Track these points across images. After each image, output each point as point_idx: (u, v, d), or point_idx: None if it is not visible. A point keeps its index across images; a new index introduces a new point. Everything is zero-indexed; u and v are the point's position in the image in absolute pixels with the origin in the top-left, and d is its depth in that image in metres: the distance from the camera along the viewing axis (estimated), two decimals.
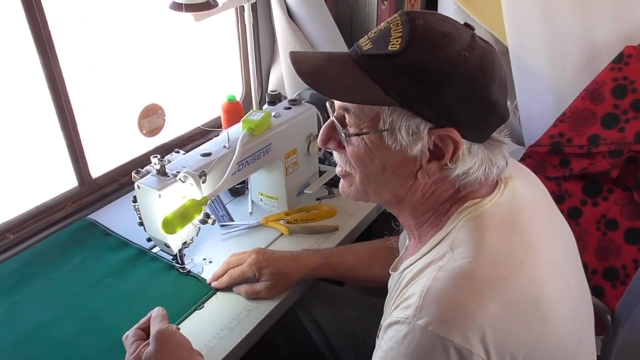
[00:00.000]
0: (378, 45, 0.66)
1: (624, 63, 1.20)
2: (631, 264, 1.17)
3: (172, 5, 1.17)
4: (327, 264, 1.02)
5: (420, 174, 0.69)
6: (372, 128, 0.68)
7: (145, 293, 1.00)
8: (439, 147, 0.66)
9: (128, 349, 0.80)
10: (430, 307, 0.60)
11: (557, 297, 0.65)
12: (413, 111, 0.64)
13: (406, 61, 0.63)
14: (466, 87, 0.64)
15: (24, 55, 1.07)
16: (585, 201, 1.23)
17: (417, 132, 0.65)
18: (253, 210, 1.24)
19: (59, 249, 1.11)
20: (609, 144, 1.20)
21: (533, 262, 0.65)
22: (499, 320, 0.59)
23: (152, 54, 1.35)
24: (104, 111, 1.28)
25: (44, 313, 0.96)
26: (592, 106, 1.23)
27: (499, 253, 0.64)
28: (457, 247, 0.65)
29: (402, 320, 0.61)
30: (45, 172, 1.20)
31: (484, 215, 0.68)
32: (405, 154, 0.67)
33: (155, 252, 1.09)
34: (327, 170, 1.31)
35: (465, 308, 0.59)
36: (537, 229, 0.70)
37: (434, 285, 0.61)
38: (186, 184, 0.93)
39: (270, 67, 1.67)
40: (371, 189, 0.73)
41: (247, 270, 0.97)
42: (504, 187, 0.72)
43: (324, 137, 0.75)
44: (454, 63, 0.63)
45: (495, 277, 0.61)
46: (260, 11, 1.54)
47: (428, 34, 0.64)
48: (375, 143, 0.68)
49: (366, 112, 0.68)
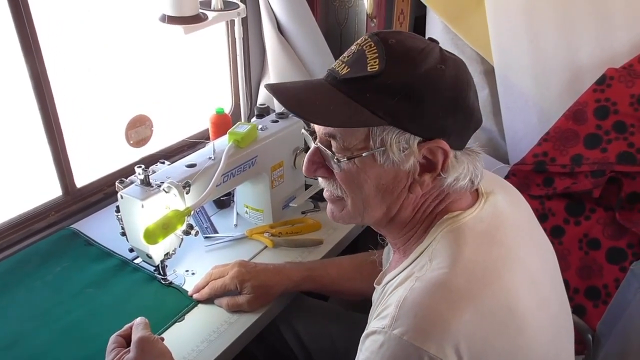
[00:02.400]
0: (356, 68, 0.66)
1: (607, 85, 1.22)
2: (612, 284, 1.18)
3: (162, 17, 1.18)
4: (310, 277, 1.02)
5: (413, 187, 0.69)
6: (363, 150, 0.67)
7: (127, 304, 1.00)
8: (429, 159, 0.68)
9: (108, 355, 0.79)
10: (405, 317, 0.60)
11: (533, 310, 0.65)
12: (402, 128, 0.65)
13: (389, 80, 0.64)
14: (448, 98, 0.66)
15: (10, 62, 1.07)
16: (568, 220, 1.25)
17: (407, 147, 0.66)
18: (238, 222, 1.24)
19: (40, 259, 1.10)
20: (591, 164, 1.21)
21: (510, 274, 0.65)
22: (473, 330, 0.59)
23: (142, 65, 1.35)
24: (93, 120, 1.28)
25: (23, 322, 0.95)
26: (575, 126, 1.25)
27: (475, 264, 0.64)
28: (435, 258, 0.66)
29: (379, 330, 0.61)
30: (29, 181, 1.19)
31: (463, 228, 0.69)
32: (397, 170, 0.68)
33: (138, 263, 1.09)
34: (313, 183, 1.31)
35: (440, 318, 0.59)
36: (517, 243, 0.70)
37: (410, 296, 0.62)
38: (170, 195, 0.93)
39: (260, 80, 1.68)
40: (365, 211, 0.72)
41: (229, 282, 0.97)
42: (485, 201, 0.73)
43: (310, 167, 0.73)
44: (434, 76, 0.65)
45: (470, 287, 0.62)
46: (251, 25, 1.55)
47: (404, 52, 0.66)
48: (367, 163, 0.68)
49: (355, 134, 0.67)
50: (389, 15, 1.59)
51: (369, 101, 0.65)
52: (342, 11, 1.61)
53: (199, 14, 1.21)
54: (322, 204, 1.32)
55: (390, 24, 1.59)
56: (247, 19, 1.51)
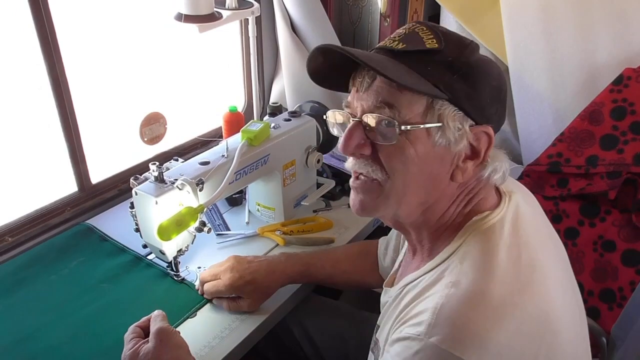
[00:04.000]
0: (413, 44, 0.65)
1: (624, 85, 1.21)
2: (628, 286, 1.17)
3: (177, 16, 1.19)
4: (306, 271, 1.02)
5: (455, 174, 0.68)
6: (419, 123, 0.64)
7: (140, 299, 1.01)
8: (473, 146, 0.67)
9: (126, 344, 0.80)
10: (444, 326, 0.58)
11: (563, 313, 0.65)
12: (458, 106, 0.65)
13: (449, 57, 0.65)
14: (495, 87, 0.67)
15: (29, 60, 1.09)
16: (582, 221, 1.23)
17: (461, 128, 0.65)
18: (250, 220, 1.24)
19: (56, 253, 1.12)
20: (607, 165, 1.20)
21: (541, 278, 0.65)
22: (513, 341, 0.59)
23: (157, 63, 1.37)
24: (108, 118, 1.29)
25: (39, 316, 0.96)
26: (591, 127, 1.24)
27: (509, 270, 0.63)
28: (466, 261, 0.64)
29: (413, 337, 0.60)
30: (45, 177, 1.21)
31: (492, 229, 0.67)
32: (446, 152, 0.66)
33: (151, 259, 1.10)
34: (324, 182, 1.31)
35: (480, 328, 0.58)
36: (540, 245, 0.70)
37: (447, 303, 0.60)
38: (183, 192, 0.94)
39: (273, 79, 1.68)
40: (403, 197, 0.68)
41: (223, 290, 0.96)
42: (508, 201, 0.72)
43: (350, 143, 0.67)
44: (485, 63, 0.68)
45: (509, 296, 0.61)
46: (265, 24, 1.56)
47: (458, 38, 0.67)
48: (420, 139, 0.65)
49: (415, 105, 0.64)
50: (402, 14, 1.59)
51: (430, 74, 0.64)
52: (356, 10, 1.60)
53: (213, 12, 1.22)
54: (334, 202, 1.32)
55: (403, 23, 1.58)
56: (260, 18, 1.52)
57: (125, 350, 0.79)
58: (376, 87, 0.66)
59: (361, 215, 0.74)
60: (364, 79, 0.67)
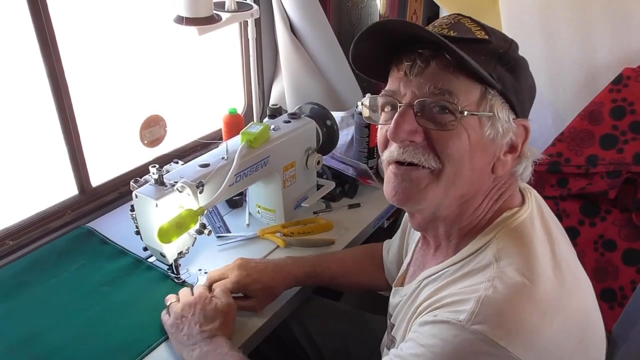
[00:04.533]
0: (464, 32, 0.65)
1: (623, 85, 1.21)
2: (629, 286, 1.17)
3: (177, 18, 1.19)
4: (312, 272, 1.02)
5: (495, 167, 0.67)
6: (475, 111, 0.63)
7: (140, 302, 1.00)
8: (512, 139, 0.67)
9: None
10: (490, 315, 0.58)
11: (596, 308, 0.66)
12: (507, 98, 0.65)
13: (500, 49, 0.65)
14: (532, 85, 0.69)
15: (28, 62, 1.09)
16: (583, 221, 1.23)
17: (508, 120, 0.65)
18: (250, 222, 1.24)
19: (57, 257, 1.12)
20: (607, 164, 1.20)
21: (574, 273, 0.66)
22: (559, 338, 0.59)
23: (156, 66, 1.37)
24: (108, 120, 1.30)
25: (40, 320, 0.96)
26: (590, 127, 1.24)
27: (549, 266, 0.63)
28: (505, 259, 0.63)
29: (453, 322, 0.59)
30: (46, 180, 1.21)
31: (524, 226, 0.67)
32: (491, 143, 0.66)
33: (152, 262, 1.10)
34: (325, 184, 1.31)
35: (529, 322, 0.58)
36: (561, 241, 0.70)
37: (492, 295, 0.59)
38: (183, 194, 0.94)
39: (272, 81, 1.69)
40: (452, 185, 0.66)
41: (230, 288, 0.96)
42: (531, 197, 0.72)
43: (407, 128, 0.65)
44: (525, 61, 0.68)
45: (554, 292, 0.61)
46: (264, 26, 1.56)
47: (501, 33, 0.67)
48: (473, 128, 0.64)
49: (471, 93, 0.64)
50: (401, 15, 1.59)
51: (484, 63, 0.63)
52: (355, 12, 1.61)
53: (213, 15, 1.22)
54: (334, 204, 1.32)
55: None
56: (260, 20, 1.52)
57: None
58: (431, 72, 0.64)
59: (401, 206, 0.71)
60: (415, 62, 0.64)
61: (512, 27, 1.35)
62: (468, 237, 0.70)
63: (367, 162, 1.39)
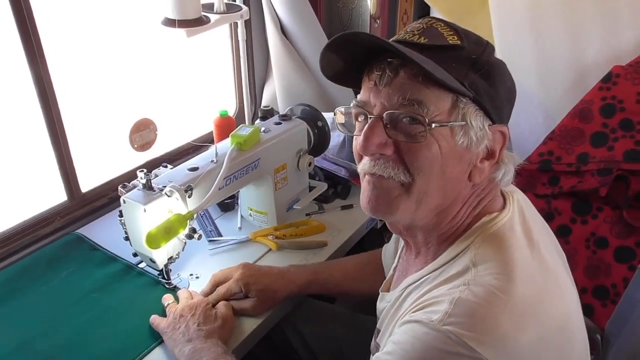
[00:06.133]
0: (434, 39, 0.63)
1: (613, 82, 1.21)
2: (621, 283, 1.17)
3: (165, 21, 1.18)
4: (315, 280, 1.02)
5: (472, 175, 0.66)
6: (446, 121, 0.62)
7: (131, 308, 1.00)
8: (488, 146, 0.66)
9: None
10: (462, 316, 0.57)
11: (577, 315, 0.65)
12: (480, 105, 0.64)
13: (472, 54, 0.63)
14: (509, 89, 0.67)
15: (14, 68, 1.07)
16: (574, 219, 1.23)
17: (482, 128, 0.64)
18: (242, 225, 1.23)
19: (46, 264, 1.11)
20: (597, 162, 1.20)
21: (555, 279, 0.65)
22: (535, 346, 0.58)
23: (146, 69, 1.36)
24: (97, 125, 1.28)
25: (30, 327, 0.95)
26: (581, 125, 1.24)
27: (528, 271, 0.62)
28: (482, 264, 0.63)
29: (425, 322, 0.59)
30: (34, 186, 1.19)
31: (503, 231, 0.66)
32: (465, 152, 0.64)
33: (142, 268, 1.09)
34: (317, 185, 1.31)
35: (503, 328, 0.57)
36: (544, 245, 0.69)
37: (466, 297, 0.59)
38: (172, 199, 0.93)
39: (264, 82, 1.68)
40: (424, 198, 0.66)
41: (233, 286, 0.97)
42: (513, 201, 0.71)
43: (376, 141, 0.64)
44: (501, 64, 0.67)
45: (532, 299, 0.60)
46: (254, 27, 1.56)
47: (475, 36, 0.66)
48: (444, 138, 0.63)
49: (441, 102, 0.62)
50: (392, 15, 1.59)
51: (456, 70, 0.62)
52: (346, 12, 1.60)
53: (201, 16, 1.21)
54: (327, 205, 1.31)
55: (393, 24, 1.58)
56: (250, 22, 1.52)
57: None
58: (400, 82, 0.63)
59: (375, 216, 0.71)
60: (384, 72, 0.63)
61: (501, 26, 1.35)
62: (446, 243, 0.70)
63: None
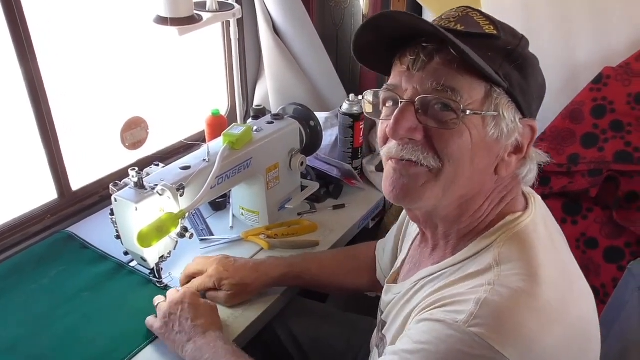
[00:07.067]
0: (471, 27, 0.62)
1: (603, 84, 1.22)
2: (610, 283, 1.18)
3: (157, 19, 1.17)
4: (290, 272, 1.01)
5: (499, 168, 0.66)
6: (479, 110, 0.61)
7: (122, 307, 0.99)
8: (517, 140, 0.65)
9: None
10: (488, 318, 0.56)
11: (595, 316, 0.65)
12: (513, 97, 0.63)
13: (508, 45, 0.63)
14: (541, 85, 0.67)
15: (4, 65, 1.06)
16: (565, 219, 1.24)
17: (514, 120, 0.63)
18: (234, 224, 1.23)
19: (36, 262, 1.10)
20: (588, 163, 1.21)
21: (575, 280, 0.65)
22: (558, 347, 0.58)
23: (137, 67, 1.35)
24: (88, 123, 1.28)
25: (19, 326, 0.94)
26: (571, 126, 1.25)
27: (552, 273, 0.62)
28: (506, 263, 0.62)
29: (449, 322, 0.58)
30: (24, 184, 1.18)
31: (526, 231, 0.66)
32: (495, 144, 0.64)
33: (133, 266, 1.08)
34: (309, 185, 1.30)
35: (528, 329, 0.56)
36: (563, 246, 0.70)
37: (492, 298, 0.58)
38: (164, 197, 0.93)
39: (256, 81, 1.68)
40: (451, 185, 0.65)
41: (207, 281, 0.98)
42: (535, 202, 0.71)
43: (407, 125, 0.63)
44: (535, 59, 0.66)
45: (557, 301, 0.60)
46: (247, 26, 1.55)
47: (510, 28, 0.65)
48: (476, 127, 0.62)
49: (476, 90, 0.61)
50: None
51: (491, 59, 0.61)
52: (338, 12, 1.60)
53: (193, 15, 1.20)
54: (319, 205, 1.31)
55: None
56: (242, 20, 1.51)
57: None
58: (434, 67, 0.62)
59: (398, 203, 0.69)
60: (418, 57, 0.62)
61: None
62: (467, 238, 0.69)
63: (351, 163, 1.38)
